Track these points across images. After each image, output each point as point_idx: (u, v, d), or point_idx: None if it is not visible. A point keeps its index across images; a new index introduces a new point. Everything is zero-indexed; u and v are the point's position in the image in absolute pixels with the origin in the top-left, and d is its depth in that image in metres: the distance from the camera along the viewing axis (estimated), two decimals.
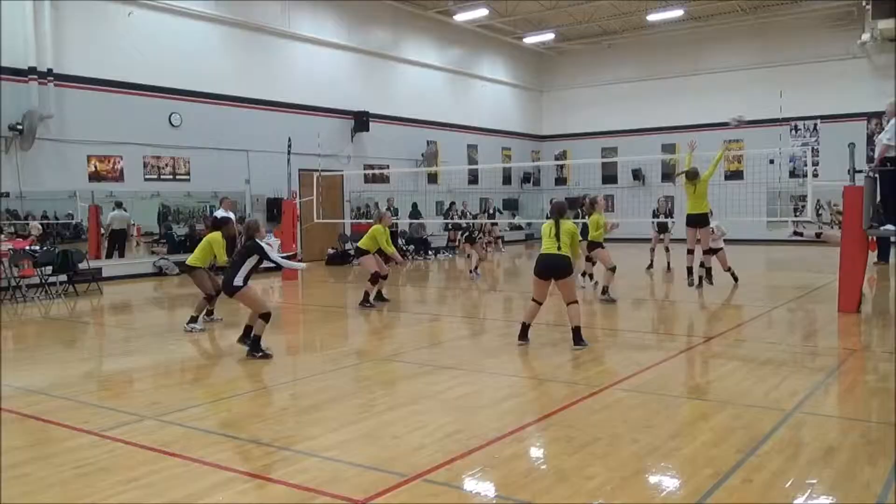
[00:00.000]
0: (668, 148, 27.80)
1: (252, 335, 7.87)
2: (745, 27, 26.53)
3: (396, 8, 23.73)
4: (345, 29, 22.02)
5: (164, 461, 4.71)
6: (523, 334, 8.30)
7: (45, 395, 6.49)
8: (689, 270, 12.52)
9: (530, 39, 28.27)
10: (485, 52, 28.13)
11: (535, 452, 4.89)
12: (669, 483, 4.29)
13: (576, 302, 8.06)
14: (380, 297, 11.97)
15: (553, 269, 7.96)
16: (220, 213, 16.01)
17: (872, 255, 15.68)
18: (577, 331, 8.05)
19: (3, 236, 14.03)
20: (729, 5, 25.17)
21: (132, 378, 7.43)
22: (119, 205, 17.08)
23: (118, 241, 17.33)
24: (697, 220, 11.90)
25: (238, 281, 7.82)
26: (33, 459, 4.81)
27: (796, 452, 4.68)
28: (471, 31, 26.73)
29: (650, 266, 16.36)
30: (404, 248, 22.03)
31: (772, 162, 25.46)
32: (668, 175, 27.90)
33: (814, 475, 4.29)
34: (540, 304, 8.23)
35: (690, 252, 12.39)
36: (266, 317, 7.87)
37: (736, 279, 13.42)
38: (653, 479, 4.35)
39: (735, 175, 25.79)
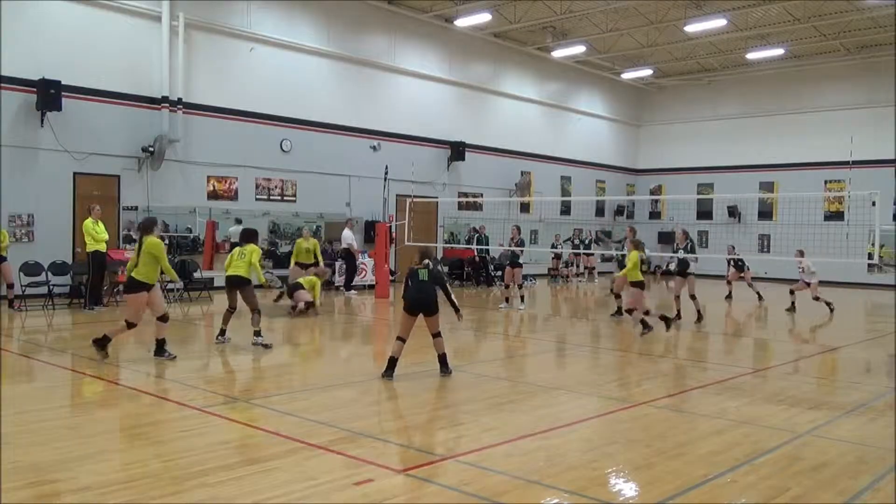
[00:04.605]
0: (766, 185, 27.60)
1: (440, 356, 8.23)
2: (850, 66, 26.14)
3: (499, 45, 24.83)
4: (447, 63, 23.30)
5: (247, 431, 5.83)
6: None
7: (161, 379, 7.87)
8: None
9: (628, 75, 28.74)
10: (582, 86, 28.80)
11: (556, 448, 5.64)
12: (663, 476, 4.95)
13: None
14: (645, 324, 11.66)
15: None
16: (345, 233, 18.31)
17: None
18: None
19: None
20: (832, 45, 24.91)
21: (232, 370, 8.80)
22: (239, 221, 18.78)
23: None
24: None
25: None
26: (151, 423, 6.11)
27: (788, 465, 5.25)
28: (569, 67, 27.51)
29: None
30: (493, 275, 22.80)
31: (874, 204, 24.82)
32: (765, 213, 27.70)
33: (793, 483, 4.86)
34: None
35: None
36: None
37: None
38: (649, 474, 5.03)
39: (835, 216, 25.34)
